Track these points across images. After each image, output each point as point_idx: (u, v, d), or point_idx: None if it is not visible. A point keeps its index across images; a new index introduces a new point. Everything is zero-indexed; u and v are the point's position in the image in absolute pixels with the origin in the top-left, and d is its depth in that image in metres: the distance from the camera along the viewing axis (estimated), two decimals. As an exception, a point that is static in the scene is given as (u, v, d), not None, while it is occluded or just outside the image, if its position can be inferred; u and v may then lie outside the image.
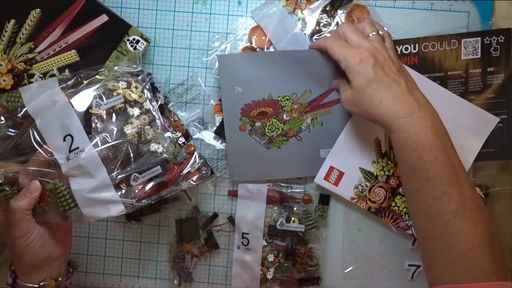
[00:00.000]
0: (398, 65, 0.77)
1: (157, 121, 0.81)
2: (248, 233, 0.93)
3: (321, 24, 0.91)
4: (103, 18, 0.88)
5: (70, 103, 0.77)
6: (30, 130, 0.76)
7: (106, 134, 0.77)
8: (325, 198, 0.93)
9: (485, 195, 0.91)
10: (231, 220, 0.94)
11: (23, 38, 0.87)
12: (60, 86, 0.79)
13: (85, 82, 0.81)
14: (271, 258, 0.92)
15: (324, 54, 0.85)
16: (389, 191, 0.90)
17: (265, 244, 0.93)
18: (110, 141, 0.77)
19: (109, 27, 0.88)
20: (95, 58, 0.88)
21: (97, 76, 0.82)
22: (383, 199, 0.90)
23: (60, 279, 0.80)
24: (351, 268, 0.95)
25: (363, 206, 0.91)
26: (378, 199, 0.91)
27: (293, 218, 0.92)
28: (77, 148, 0.75)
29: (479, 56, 0.90)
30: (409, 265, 0.94)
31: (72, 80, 0.81)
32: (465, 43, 0.90)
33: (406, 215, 0.90)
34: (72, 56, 0.88)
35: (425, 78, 0.89)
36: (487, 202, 0.90)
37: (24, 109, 0.77)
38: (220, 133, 0.92)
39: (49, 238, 0.78)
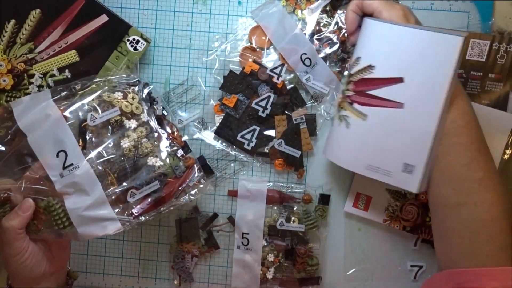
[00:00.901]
0: None
1: (154, 133, 0.79)
2: (248, 233, 0.92)
3: (321, 24, 0.91)
4: (103, 18, 0.88)
5: (64, 116, 0.74)
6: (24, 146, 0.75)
7: (101, 148, 0.75)
8: (325, 198, 0.93)
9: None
10: (231, 220, 0.94)
11: (23, 38, 0.87)
12: (54, 99, 0.77)
13: (79, 93, 0.79)
14: (271, 258, 0.92)
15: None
16: (420, 206, 0.90)
17: (265, 244, 0.93)
18: (105, 156, 0.75)
19: (109, 27, 0.88)
20: (95, 58, 0.89)
21: (93, 86, 0.81)
22: (416, 216, 0.89)
23: None
24: (353, 270, 0.95)
25: (397, 226, 0.91)
26: (411, 217, 0.90)
27: (293, 218, 0.92)
28: (71, 164, 0.73)
29: (484, 59, 0.89)
30: (411, 266, 0.94)
31: (66, 91, 0.79)
32: (473, 43, 0.89)
33: None
34: (72, 56, 0.88)
35: None
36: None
37: (15, 126, 0.75)
38: (220, 133, 0.92)
39: (45, 255, 0.76)
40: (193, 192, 0.80)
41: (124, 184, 0.76)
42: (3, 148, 0.76)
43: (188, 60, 0.94)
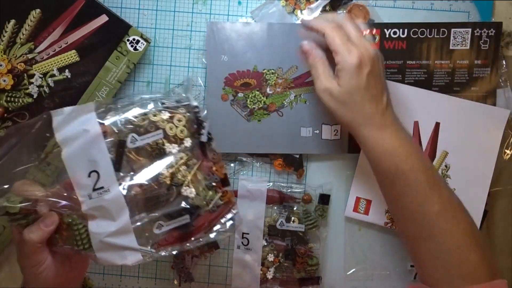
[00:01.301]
0: (384, 81, 0.78)
1: (194, 160, 0.73)
2: (248, 233, 0.92)
3: (321, 24, 0.91)
4: (103, 18, 0.88)
5: (103, 135, 0.69)
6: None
7: (136, 172, 0.70)
8: (325, 197, 0.93)
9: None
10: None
11: (23, 38, 0.87)
12: (97, 112, 0.71)
13: (123, 109, 0.72)
14: (271, 258, 0.92)
15: (311, 33, 0.81)
16: None
17: (265, 244, 0.92)
18: (139, 181, 0.69)
19: (109, 27, 0.88)
20: (95, 58, 0.88)
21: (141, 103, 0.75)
22: None
23: None
24: (353, 270, 0.95)
25: None
26: None
27: (293, 218, 0.92)
28: (102, 187, 0.68)
29: (468, 47, 0.90)
30: (411, 266, 0.94)
31: (111, 105, 0.73)
32: (455, 32, 0.90)
33: None
34: (72, 56, 0.88)
35: (426, 91, 0.90)
36: (487, 202, 0.90)
37: (52, 139, 0.70)
38: (220, 133, 0.92)
39: (63, 266, 0.73)
40: (223, 229, 0.74)
41: (153, 213, 0.70)
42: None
43: (188, 60, 0.94)
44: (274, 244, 0.92)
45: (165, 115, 0.72)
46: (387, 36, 0.89)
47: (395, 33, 0.90)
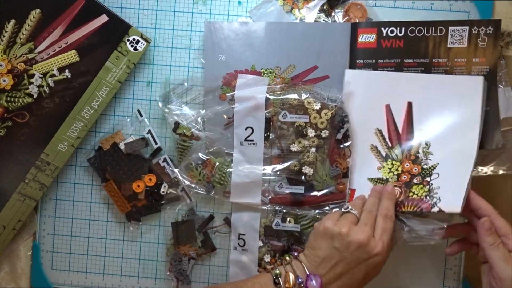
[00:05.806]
0: (367, 256, 0.77)
1: (325, 148, 0.89)
2: (244, 234, 0.92)
3: (320, 24, 0.91)
4: (103, 18, 0.88)
5: (265, 105, 0.88)
6: None
7: (277, 140, 0.89)
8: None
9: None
10: (227, 221, 0.94)
11: (23, 38, 0.87)
12: (268, 86, 0.89)
13: (287, 89, 0.89)
14: (267, 258, 0.91)
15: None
16: (403, 186, 0.88)
17: (261, 244, 0.92)
18: (278, 152, 0.90)
19: (109, 27, 0.89)
20: (95, 58, 0.89)
21: (304, 87, 0.89)
22: (399, 194, 0.88)
23: None
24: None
25: None
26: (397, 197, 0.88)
27: (288, 218, 0.91)
28: (252, 140, 0.89)
29: (466, 45, 0.88)
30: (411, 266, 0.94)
31: (280, 85, 0.89)
32: (452, 31, 0.88)
33: (427, 197, 0.86)
34: (72, 56, 0.89)
35: (394, 73, 0.89)
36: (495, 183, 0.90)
37: (232, 93, 0.90)
38: (218, 133, 0.92)
39: None
40: (321, 210, 0.91)
41: (280, 177, 0.90)
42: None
43: (188, 60, 0.94)
44: (271, 245, 0.92)
45: (317, 105, 0.87)
46: (384, 34, 0.89)
47: (392, 31, 0.89)
